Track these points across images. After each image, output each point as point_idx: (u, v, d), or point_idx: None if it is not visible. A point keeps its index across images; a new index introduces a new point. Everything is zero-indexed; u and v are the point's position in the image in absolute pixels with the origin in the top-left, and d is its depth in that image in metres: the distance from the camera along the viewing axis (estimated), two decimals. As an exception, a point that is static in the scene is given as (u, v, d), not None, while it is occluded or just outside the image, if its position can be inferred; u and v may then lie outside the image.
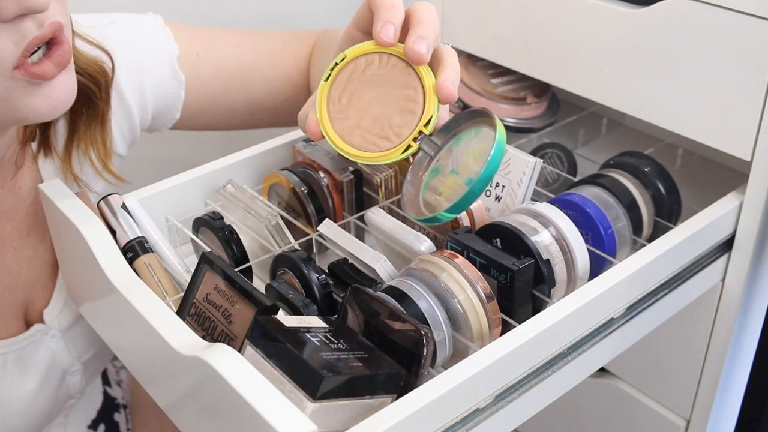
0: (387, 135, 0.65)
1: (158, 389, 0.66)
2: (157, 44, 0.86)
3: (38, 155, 0.79)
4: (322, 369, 0.53)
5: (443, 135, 0.66)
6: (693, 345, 0.87)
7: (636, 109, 0.81)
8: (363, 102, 0.66)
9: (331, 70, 0.66)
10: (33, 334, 0.80)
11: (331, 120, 0.66)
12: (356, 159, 0.66)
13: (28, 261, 0.80)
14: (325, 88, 0.66)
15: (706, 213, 0.75)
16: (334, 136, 0.66)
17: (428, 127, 0.64)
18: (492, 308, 0.63)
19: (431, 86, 0.64)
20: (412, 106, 0.64)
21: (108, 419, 1.00)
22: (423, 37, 0.63)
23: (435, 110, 0.64)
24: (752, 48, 0.70)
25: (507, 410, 0.62)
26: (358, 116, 0.66)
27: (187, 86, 0.88)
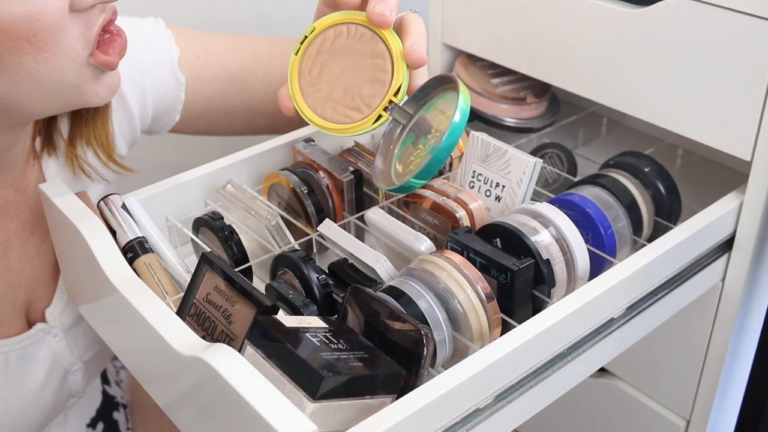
0: (358, 106, 0.65)
1: (158, 389, 0.66)
2: (158, 46, 0.86)
3: (42, 154, 0.79)
4: (322, 369, 0.53)
5: (414, 103, 0.65)
6: (693, 345, 0.87)
7: (636, 109, 0.81)
8: (333, 73, 0.66)
9: (301, 44, 0.66)
10: (35, 333, 0.80)
11: (302, 93, 0.66)
12: (329, 131, 0.65)
13: (31, 259, 0.80)
14: (295, 61, 0.66)
15: (706, 213, 0.75)
16: (306, 110, 0.66)
17: (398, 95, 0.64)
18: (492, 308, 0.63)
19: (399, 53, 0.64)
20: (381, 76, 0.64)
21: (107, 418, 1.01)
22: (384, 1, 0.63)
23: (403, 78, 0.63)
24: (752, 48, 0.70)
25: (507, 410, 0.62)
26: (329, 88, 0.66)
27: (188, 88, 0.88)
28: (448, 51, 0.99)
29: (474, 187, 0.78)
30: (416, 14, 0.66)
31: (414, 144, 0.64)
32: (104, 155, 0.81)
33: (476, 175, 0.78)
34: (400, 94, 0.63)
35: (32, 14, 0.60)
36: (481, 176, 0.77)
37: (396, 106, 0.64)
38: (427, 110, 0.64)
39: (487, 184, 0.77)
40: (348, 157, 0.82)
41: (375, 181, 0.66)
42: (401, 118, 0.65)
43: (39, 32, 0.61)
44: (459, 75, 0.94)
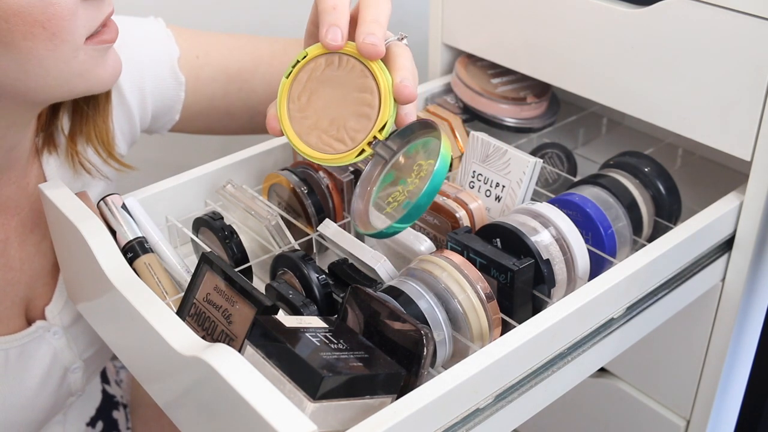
0: (342, 138, 0.65)
1: (158, 389, 0.66)
2: (158, 45, 0.87)
3: (42, 151, 0.79)
4: (322, 369, 0.53)
5: (398, 140, 0.65)
6: (693, 345, 0.87)
7: (636, 109, 0.81)
8: (321, 102, 0.66)
9: (293, 68, 0.67)
10: (35, 330, 0.80)
11: (290, 118, 0.67)
12: (311, 159, 0.66)
13: (31, 257, 0.80)
14: (286, 85, 0.67)
15: (706, 213, 0.75)
16: (292, 134, 0.66)
17: (382, 132, 0.64)
18: (492, 308, 0.63)
19: (387, 88, 0.64)
20: (368, 111, 0.64)
21: (107, 417, 1.01)
22: (372, 34, 0.63)
23: (390, 115, 0.64)
24: (752, 48, 0.70)
25: (507, 410, 0.62)
26: (316, 116, 0.66)
27: (187, 88, 0.88)
28: (448, 51, 0.99)
29: (474, 187, 0.78)
30: (404, 44, 0.66)
31: (393, 183, 0.65)
32: (104, 152, 0.81)
33: (476, 175, 0.78)
34: (385, 130, 0.64)
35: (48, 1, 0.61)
36: (481, 176, 0.77)
37: (379, 142, 0.64)
38: (410, 150, 0.65)
39: (487, 184, 0.77)
40: (348, 157, 0.82)
41: (353, 224, 0.66)
42: (384, 153, 0.65)
43: (54, 18, 0.62)
44: (459, 75, 0.94)
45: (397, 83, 0.63)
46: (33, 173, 0.79)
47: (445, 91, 0.97)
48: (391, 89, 0.63)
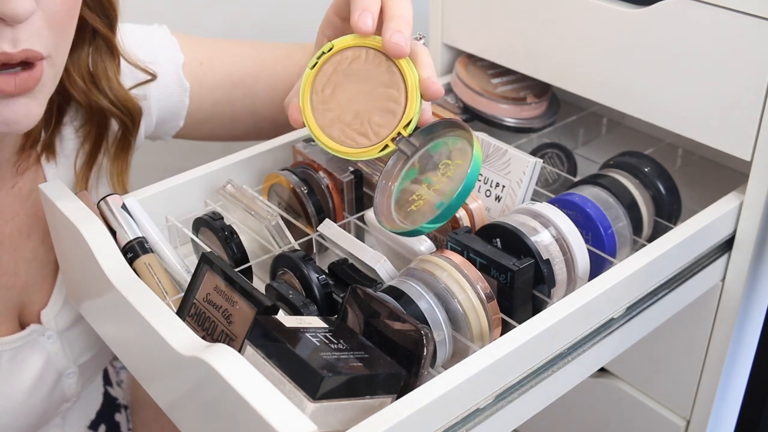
0: (366, 132, 0.65)
1: (158, 389, 0.66)
2: (163, 52, 0.87)
3: (41, 157, 0.79)
4: (322, 369, 0.53)
5: (421, 137, 0.65)
6: (693, 345, 0.87)
7: (636, 109, 0.81)
8: (346, 95, 0.66)
9: (318, 59, 0.66)
10: (29, 334, 0.80)
11: (313, 109, 0.66)
12: (333, 152, 0.65)
13: (27, 263, 0.80)
14: (310, 76, 0.66)
15: (706, 213, 0.75)
16: (314, 126, 0.66)
17: (407, 128, 0.64)
18: (492, 308, 0.63)
19: (414, 84, 0.64)
20: (393, 107, 0.64)
21: (109, 420, 1.00)
22: (399, 31, 0.63)
23: (416, 112, 0.64)
24: (752, 48, 0.70)
25: (507, 410, 0.62)
26: (340, 109, 0.66)
27: (192, 94, 0.89)
28: (448, 51, 0.99)
29: (474, 187, 0.78)
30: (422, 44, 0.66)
31: (416, 181, 0.65)
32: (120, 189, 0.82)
33: (476, 175, 0.78)
34: (410, 127, 0.64)
35: None
36: (481, 176, 0.77)
37: (403, 138, 0.64)
38: (435, 148, 0.65)
39: (487, 184, 0.77)
40: (348, 157, 0.82)
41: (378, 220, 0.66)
42: (407, 149, 0.65)
43: None
44: (459, 75, 0.94)
45: (424, 78, 0.63)
46: (29, 179, 0.79)
47: (445, 91, 0.97)
48: (418, 85, 0.63)
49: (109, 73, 0.78)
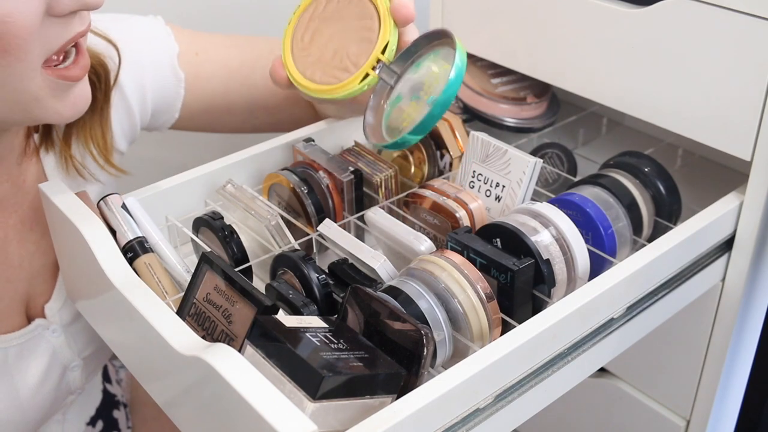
0: (346, 66, 0.64)
1: (158, 389, 0.66)
2: (158, 42, 0.87)
3: (40, 149, 0.79)
4: (322, 369, 0.53)
5: (402, 62, 0.64)
6: (693, 345, 0.87)
7: (636, 109, 0.81)
8: (324, 38, 0.65)
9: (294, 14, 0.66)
10: (34, 328, 0.80)
11: (294, 59, 0.66)
12: (316, 93, 0.65)
13: (31, 255, 0.80)
14: (288, 31, 0.66)
15: (706, 213, 0.75)
16: (296, 74, 0.65)
17: (385, 53, 0.63)
18: (492, 308, 0.63)
19: (386, 9, 0.63)
20: (369, 35, 0.63)
21: (107, 416, 1.01)
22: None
23: (390, 35, 0.62)
24: (752, 48, 0.70)
25: (507, 410, 0.62)
26: (319, 52, 0.65)
27: (187, 84, 0.88)
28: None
29: (474, 187, 0.78)
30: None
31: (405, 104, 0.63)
32: (101, 157, 0.81)
33: (476, 175, 0.78)
34: (387, 51, 0.62)
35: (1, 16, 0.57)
36: (481, 176, 0.77)
37: (383, 65, 0.63)
38: (416, 68, 0.63)
39: (487, 184, 0.77)
40: (348, 156, 0.82)
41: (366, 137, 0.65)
42: (388, 77, 0.63)
43: (6, 35, 0.58)
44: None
45: (394, 3, 0.63)
46: (31, 171, 0.79)
47: (445, 91, 0.97)
48: (389, 9, 0.63)
49: None
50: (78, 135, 0.79)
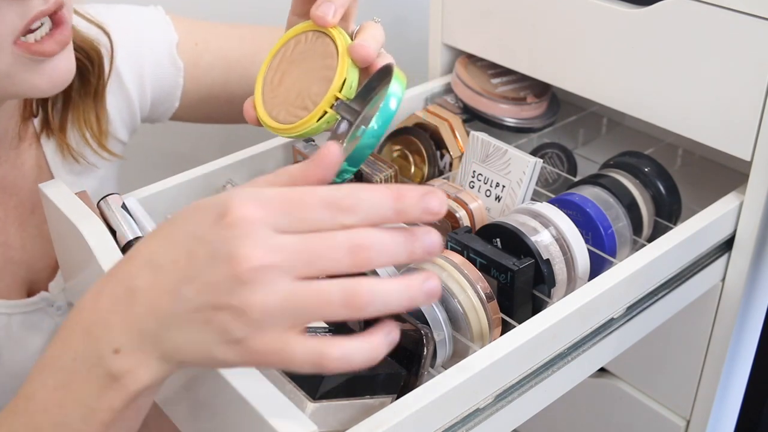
0: (306, 105, 0.64)
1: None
2: (157, 31, 0.88)
3: (41, 134, 0.80)
4: (322, 369, 0.53)
5: (362, 99, 0.64)
6: (693, 345, 0.87)
7: (636, 109, 0.81)
8: (291, 79, 0.66)
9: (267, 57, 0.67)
10: (38, 301, 0.80)
11: (264, 100, 0.67)
12: (279, 132, 0.65)
13: (32, 238, 0.80)
14: (260, 73, 0.67)
15: (706, 213, 0.75)
16: (263, 114, 0.66)
17: (343, 91, 0.62)
18: (492, 308, 0.63)
19: (344, 49, 0.63)
20: (329, 74, 0.63)
21: None
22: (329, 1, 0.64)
23: (347, 73, 0.63)
24: (752, 48, 0.70)
25: (507, 410, 0.62)
26: (286, 93, 0.66)
27: (186, 74, 0.89)
28: (448, 51, 0.99)
29: (474, 187, 0.78)
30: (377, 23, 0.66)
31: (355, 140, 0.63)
32: (95, 142, 0.81)
33: (476, 175, 0.78)
34: (345, 89, 0.62)
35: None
36: (481, 176, 0.77)
37: (342, 103, 0.62)
38: (371, 106, 0.63)
39: (487, 184, 0.77)
40: (348, 157, 0.82)
41: None
42: (348, 114, 0.63)
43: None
44: (459, 75, 0.94)
45: (354, 43, 0.63)
46: (31, 155, 0.80)
47: (445, 91, 0.97)
48: (346, 49, 0.63)
49: None
50: (73, 120, 0.80)
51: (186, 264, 0.46)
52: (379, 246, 0.45)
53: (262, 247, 0.44)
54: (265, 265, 0.44)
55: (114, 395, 0.49)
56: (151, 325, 0.47)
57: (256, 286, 0.44)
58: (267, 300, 0.44)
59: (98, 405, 0.49)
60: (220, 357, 0.46)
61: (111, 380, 0.48)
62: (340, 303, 0.44)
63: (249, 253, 0.44)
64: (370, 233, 0.45)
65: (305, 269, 0.44)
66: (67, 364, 0.50)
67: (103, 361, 0.48)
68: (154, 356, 0.48)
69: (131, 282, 0.48)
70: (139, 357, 0.48)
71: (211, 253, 0.45)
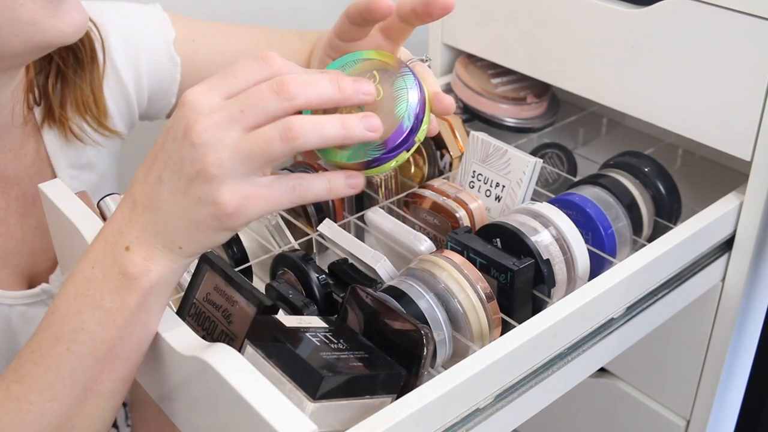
0: None
1: (157, 388, 0.66)
2: (155, 27, 0.88)
3: (43, 125, 0.80)
4: (322, 369, 0.53)
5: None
6: (693, 345, 0.87)
7: (636, 109, 0.81)
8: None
9: None
10: (39, 293, 0.80)
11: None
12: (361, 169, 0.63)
13: (33, 230, 0.80)
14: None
15: (706, 213, 0.75)
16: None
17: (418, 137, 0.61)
18: (492, 308, 0.63)
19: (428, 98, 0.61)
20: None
21: None
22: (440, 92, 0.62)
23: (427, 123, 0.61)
24: (752, 48, 0.70)
25: (507, 410, 0.62)
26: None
27: (183, 70, 0.89)
28: (448, 51, 0.99)
29: (474, 187, 0.78)
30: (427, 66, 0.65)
31: None
32: (93, 120, 0.82)
33: (476, 175, 0.78)
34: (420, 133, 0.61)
35: None
36: (481, 176, 0.77)
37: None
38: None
39: (487, 184, 0.77)
40: (348, 157, 0.82)
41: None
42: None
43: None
44: (459, 75, 0.94)
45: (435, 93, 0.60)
46: (32, 145, 0.80)
47: (445, 91, 0.97)
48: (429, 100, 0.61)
49: None
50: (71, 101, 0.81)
51: (161, 154, 0.53)
52: (301, 81, 0.51)
53: (207, 111, 0.51)
54: (209, 125, 0.50)
55: (128, 293, 0.54)
56: (149, 217, 0.54)
57: (207, 146, 0.50)
58: (220, 155, 0.50)
59: (113, 305, 0.55)
60: (204, 225, 0.52)
61: (125, 278, 0.54)
62: (279, 137, 0.50)
63: (196, 119, 0.51)
64: (294, 75, 0.51)
65: (244, 119, 0.50)
66: (86, 273, 0.56)
67: (118, 261, 0.54)
68: (158, 247, 0.54)
69: (133, 190, 0.55)
70: (146, 250, 0.54)
71: (173, 135, 0.52)
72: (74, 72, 0.79)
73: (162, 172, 0.53)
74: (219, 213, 0.51)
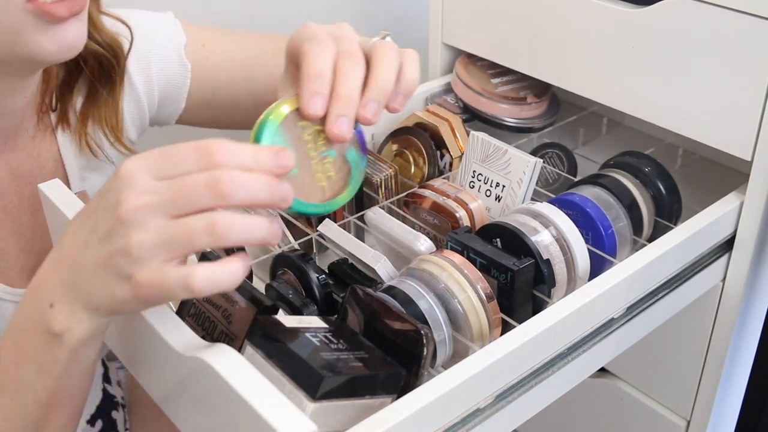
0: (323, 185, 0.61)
1: (157, 389, 0.66)
2: (166, 32, 0.89)
3: (57, 128, 0.81)
4: (322, 369, 0.53)
5: None
6: (693, 345, 0.87)
7: (636, 109, 0.81)
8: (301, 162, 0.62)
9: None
10: None
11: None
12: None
13: (44, 228, 0.81)
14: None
15: (706, 213, 0.75)
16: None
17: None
18: (492, 308, 0.63)
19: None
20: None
21: (106, 416, 1.01)
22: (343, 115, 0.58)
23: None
24: (752, 48, 0.70)
25: (507, 410, 0.62)
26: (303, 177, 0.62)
27: (193, 75, 0.90)
28: (448, 51, 0.99)
29: (474, 187, 0.78)
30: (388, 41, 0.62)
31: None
32: (112, 136, 0.83)
33: (476, 175, 0.78)
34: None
35: None
36: (481, 176, 0.77)
37: None
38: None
39: (487, 184, 0.77)
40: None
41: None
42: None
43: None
44: (459, 75, 0.94)
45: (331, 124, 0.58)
46: (45, 147, 0.81)
47: (445, 91, 0.97)
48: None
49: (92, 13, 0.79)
50: (94, 116, 0.81)
51: (92, 217, 0.53)
52: (236, 181, 0.50)
53: (138, 190, 0.51)
54: (138, 205, 0.50)
55: (56, 348, 0.55)
56: (72, 277, 0.54)
57: (134, 226, 0.50)
58: (143, 236, 0.50)
59: (45, 358, 0.56)
60: (120, 296, 0.52)
61: (50, 335, 0.55)
62: (203, 231, 0.50)
63: (127, 197, 0.51)
64: (231, 171, 0.50)
65: (174, 207, 0.50)
66: (20, 325, 0.57)
67: (43, 319, 0.55)
68: (78, 306, 0.54)
69: (63, 243, 0.56)
70: (68, 308, 0.54)
71: (104, 205, 0.52)
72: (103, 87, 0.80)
73: (89, 236, 0.53)
74: (135, 291, 0.52)
